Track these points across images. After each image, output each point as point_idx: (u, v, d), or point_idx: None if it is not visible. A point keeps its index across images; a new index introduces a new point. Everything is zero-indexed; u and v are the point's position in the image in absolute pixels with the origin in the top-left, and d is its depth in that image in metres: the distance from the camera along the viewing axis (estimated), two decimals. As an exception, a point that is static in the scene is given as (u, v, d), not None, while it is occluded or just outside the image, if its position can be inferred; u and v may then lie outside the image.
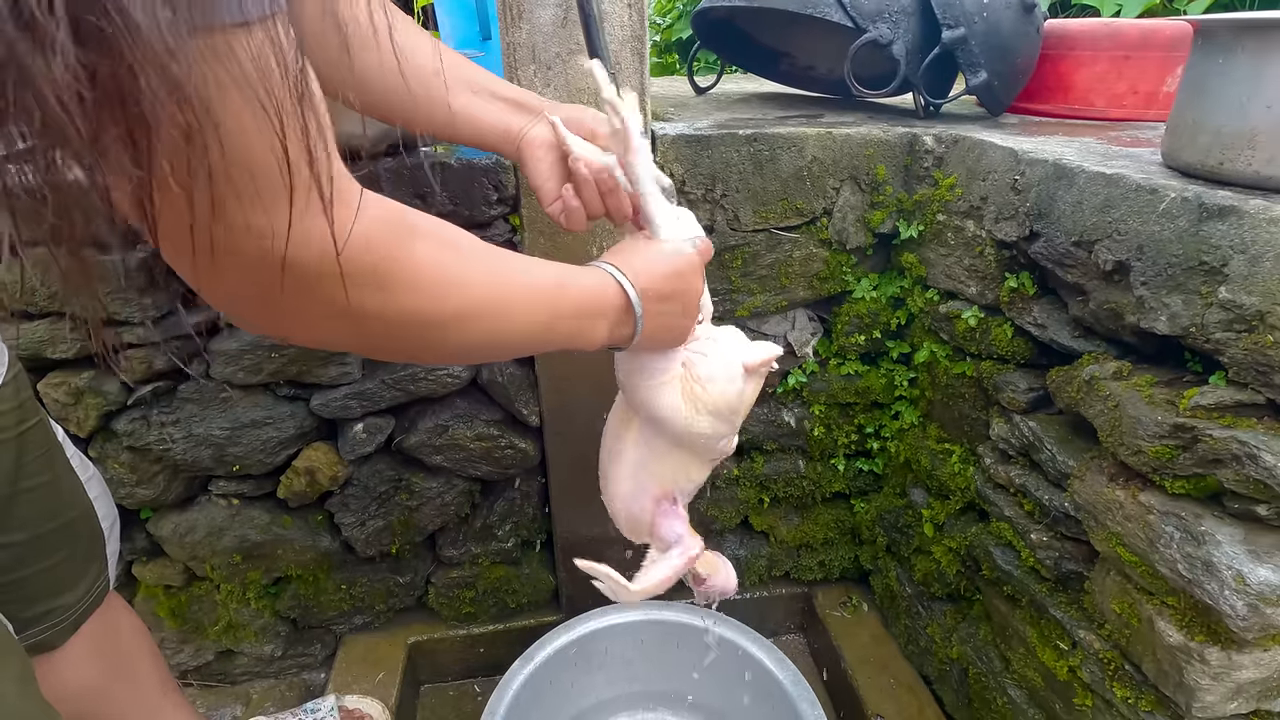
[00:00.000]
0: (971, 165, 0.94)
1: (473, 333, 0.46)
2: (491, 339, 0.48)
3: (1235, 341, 0.61)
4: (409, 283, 0.42)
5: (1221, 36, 0.65)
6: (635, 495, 0.71)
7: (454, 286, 0.44)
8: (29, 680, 0.51)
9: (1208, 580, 0.62)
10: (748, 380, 0.66)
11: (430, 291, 0.43)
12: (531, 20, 0.86)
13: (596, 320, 0.54)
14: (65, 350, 0.96)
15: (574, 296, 0.53)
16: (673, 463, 0.69)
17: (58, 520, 0.72)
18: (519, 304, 0.49)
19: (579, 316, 0.53)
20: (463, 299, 0.45)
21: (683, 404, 0.64)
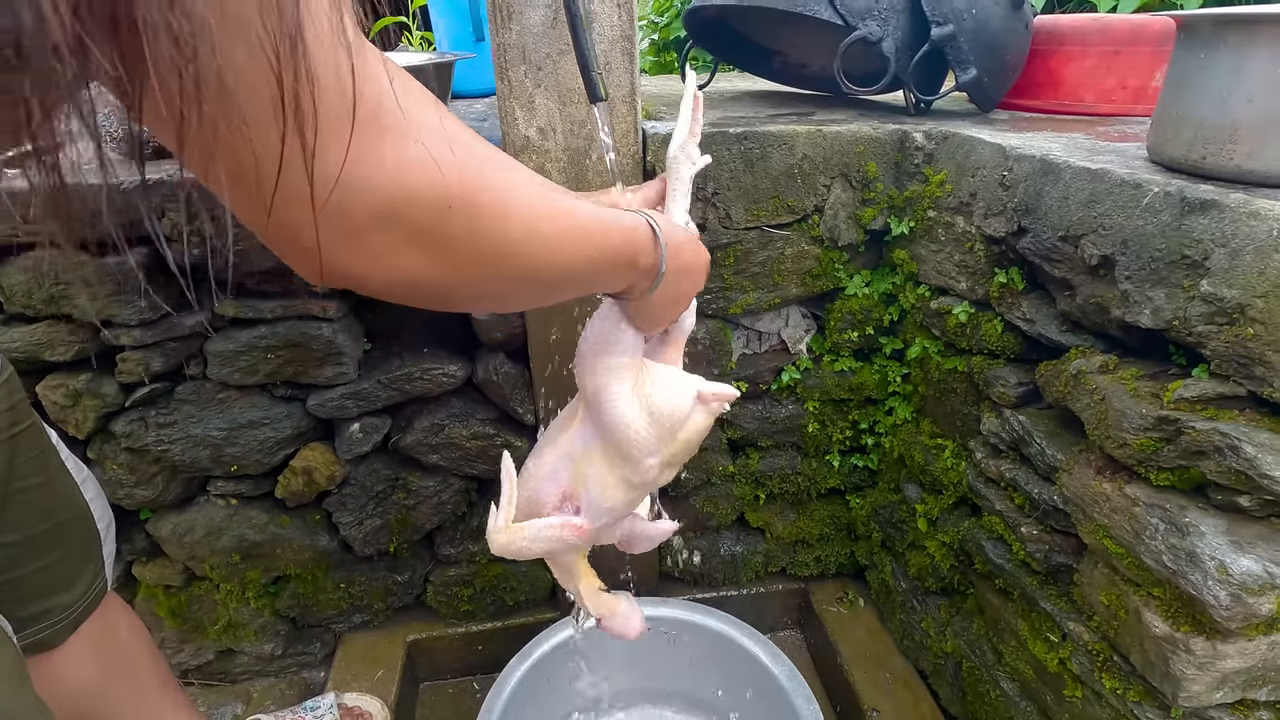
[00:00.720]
0: (961, 161, 0.94)
1: (526, 262, 0.45)
2: (537, 271, 0.47)
3: (1217, 334, 0.61)
4: (473, 207, 0.40)
5: (1204, 31, 0.66)
6: (546, 483, 0.68)
7: (515, 212, 0.43)
8: (22, 677, 0.52)
9: (1191, 571, 0.63)
10: (697, 408, 0.65)
11: (489, 216, 0.42)
12: (521, 21, 0.87)
13: (632, 265, 0.55)
14: (63, 353, 0.97)
15: (620, 236, 0.53)
16: (594, 467, 0.66)
17: (51, 521, 0.73)
18: (570, 237, 0.48)
19: (620, 256, 0.53)
20: (522, 225, 0.44)
21: (630, 397, 0.63)
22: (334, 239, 0.36)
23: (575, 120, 0.93)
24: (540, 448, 0.70)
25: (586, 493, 0.66)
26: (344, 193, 0.35)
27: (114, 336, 0.97)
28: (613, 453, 0.65)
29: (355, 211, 0.35)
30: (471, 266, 0.43)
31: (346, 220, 0.36)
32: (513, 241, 0.43)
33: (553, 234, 0.46)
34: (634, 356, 0.64)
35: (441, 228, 0.39)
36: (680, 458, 0.67)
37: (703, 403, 0.65)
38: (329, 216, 0.35)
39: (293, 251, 0.37)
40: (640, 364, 0.64)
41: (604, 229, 0.51)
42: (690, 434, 0.65)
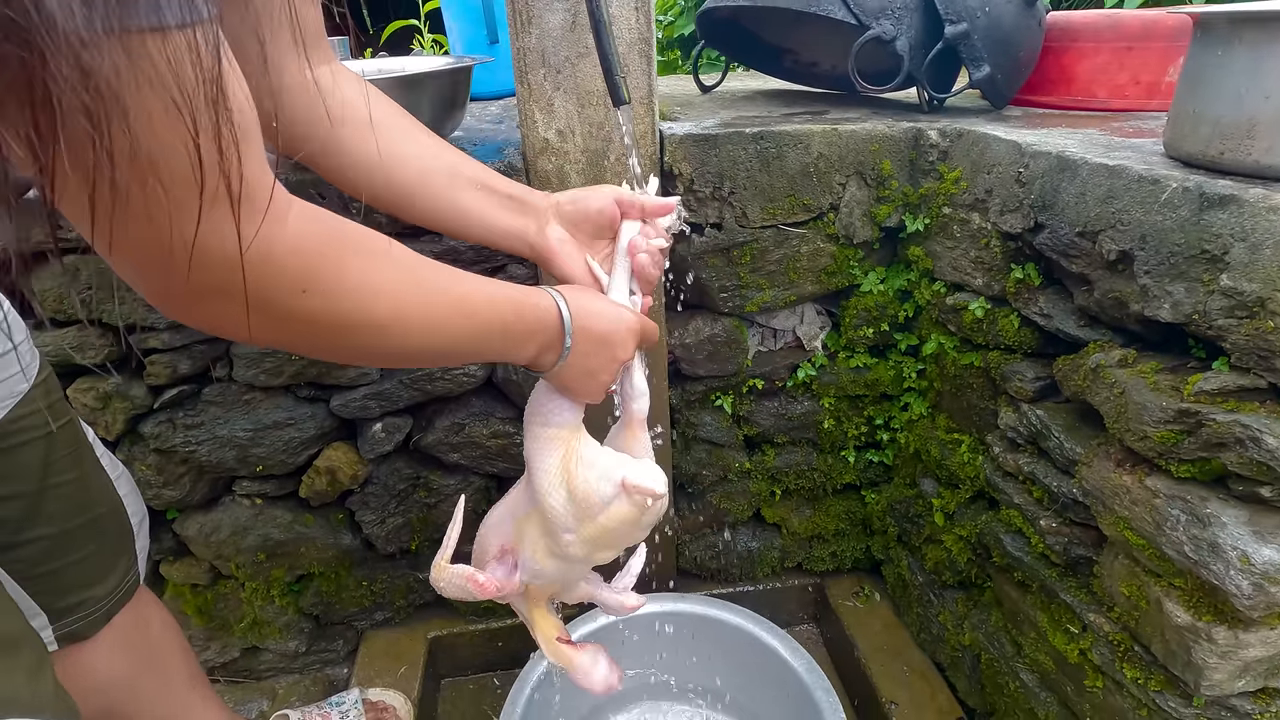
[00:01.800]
0: (976, 159, 0.95)
1: (397, 340, 0.48)
2: (419, 347, 0.50)
3: (1237, 328, 0.62)
4: (334, 289, 0.43)
5: (1220, 29, 0.66)
6: (491, 533, 0.69)
7: (382, 295, 0.46)
8: (42, 669, 0.53)
9: (1213, 561, 0.64)
10: (620, 497, 0.62)
11: (355, 298, 0.45)
12: (541, 25, 0.88)
13: (529, 337, 0.57)
14: (94, 356, 0.99)
15: (510, 310, 0.55)
16: (531, 530, 0.66)
17: (86, 515, 0.75)
18: (447, 314, 0.51)
19: (511, 330, 0.55)
20: (391, 307, 0.47)
21: (554, 471, 0.63)
22: (183, 299, 0.39)
23: (594, 122, 0.94)
24: (503, 498, 0.71)
25: (521, 551, 0.66)
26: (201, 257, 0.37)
27: (143, 340, 0.99)
28: (541, 523, 0.65)
29: (205, 279, 0.38)
30: (330, 338, 0.46)
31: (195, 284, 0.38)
32: (379, 322, 0.46)
33: (423, 315, 0.49)
34: (565, 429, 0.64)
35: (296, 305, 0.42)
36: (606, 541, 0.65)
37: (626, 492, 0.63)
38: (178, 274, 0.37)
39: (168, 305, 0.40)
40: (574, 437, 0.64)
41: (490, 306, 0.54)
42: (612, 521, 0.63)
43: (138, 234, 0.35)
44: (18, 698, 0.48)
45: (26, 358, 0.68)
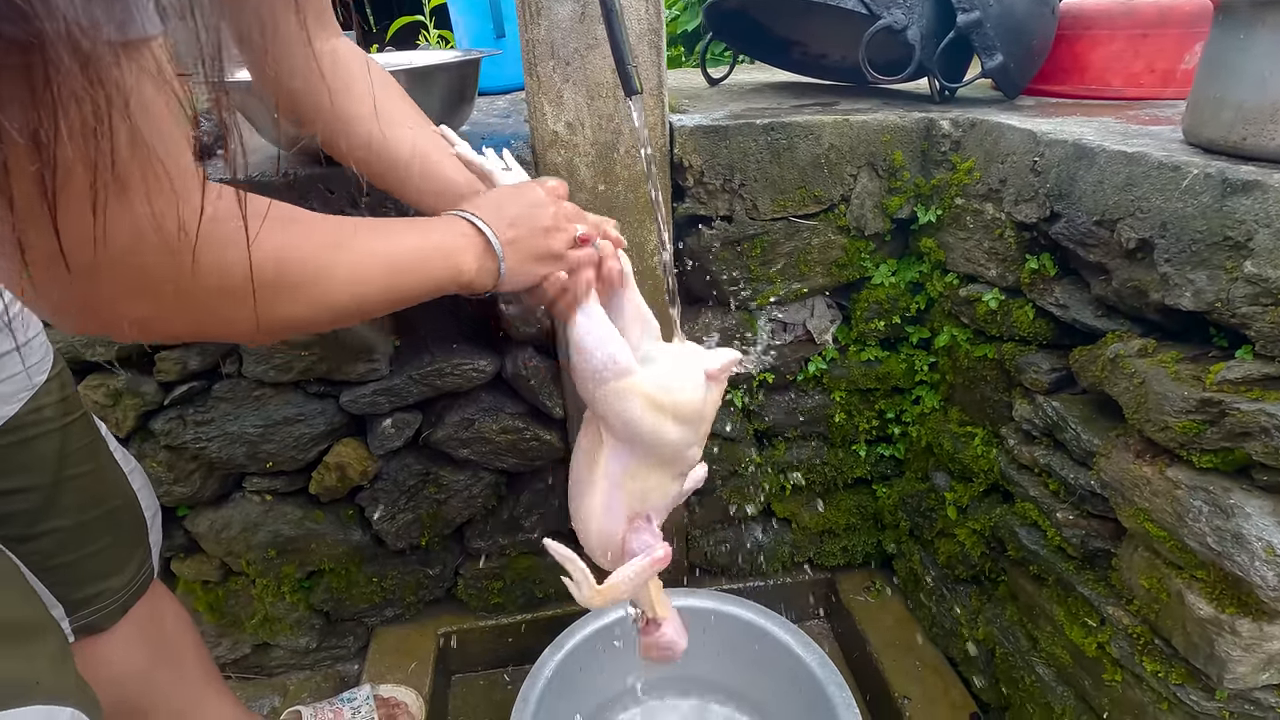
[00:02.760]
0: (989, 148, 0.94)
1: (325, 292, 0.49)
2: (349, 307, 0.51)
3: (1262, 315, 0.61)
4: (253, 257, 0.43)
5: (1242, 13, 0.65)
6: (607, 518, 0.70)
7: (295, 250, 0.47)
8: (65, 658, 0.53)
9: (1237, 552, 0.63)
10: (710, 387, 0.67)
11: (273, 264, 0.45)
12: (550, 16, 0.88)
13: (456, 256, 0.58)
14: (105, 353, 0.99)
15: (423, 238, 0.57)
16: (644, 481, 0.68)
17: (101, 508, 0.75)
18: (365, 257, 0.52)
19: (433, 255, 0.56)
20: (309, 270, 0.48)
21: (648, 413, 0.64)
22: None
23: (603, 114, 0.93)
24: (580, 494, 0.72)
25: (651, 505, 0.69)
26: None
27: (152, 336, 0.99)
28: (656, 461, 0.68)
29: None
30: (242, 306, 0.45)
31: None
32: (294, 282, 0.47)
33: (347, 276, 0.50)
34: (624, 376, 0.64)
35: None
36: (709, 427, 0.70)
37: (714, 380, 0.67)
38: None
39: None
40: (634, 375, 0.64)
41: (416, 254, 0.55)
42: (711, 409, 0.68)
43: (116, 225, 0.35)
44: (43, 683, 0.48)
45: (40, 352, 0.68)
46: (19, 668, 0.47)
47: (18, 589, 0.51)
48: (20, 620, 0.49)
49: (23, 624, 0.49)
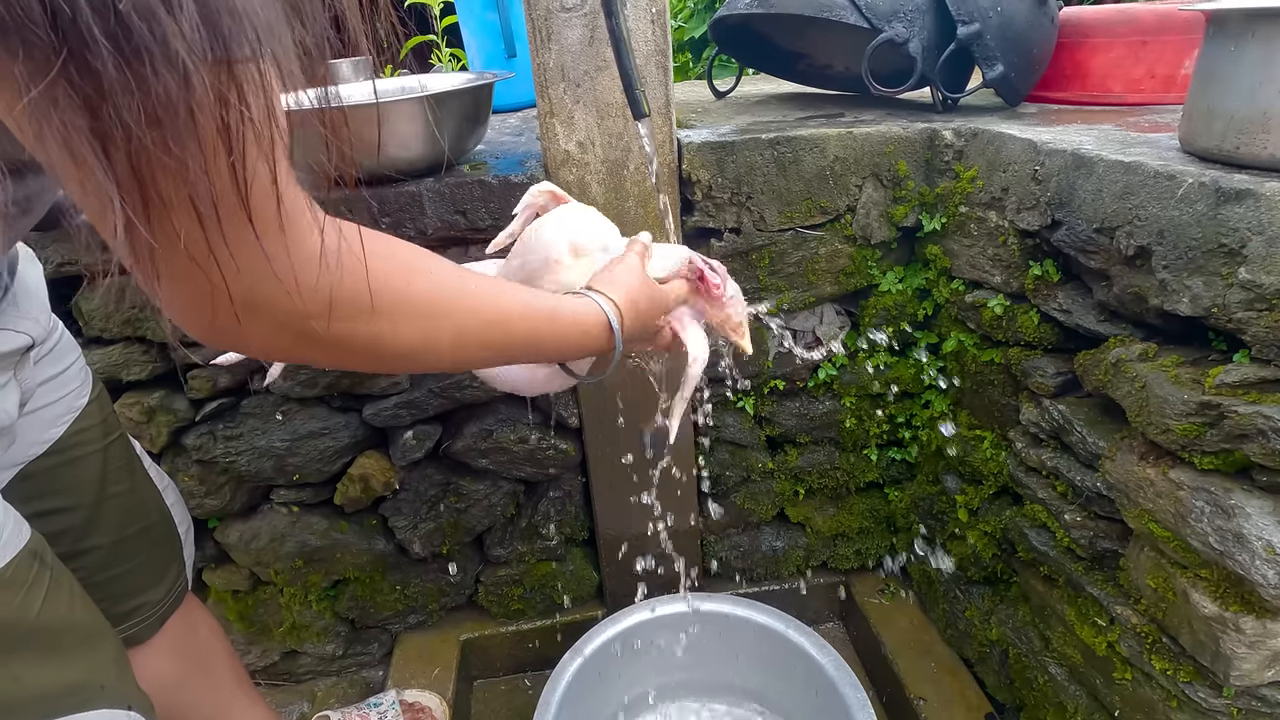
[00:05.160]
0: (991, 157, 0.96)
1: (465, 354, 0.51)
2: (465, 366, 0.54)
3: (1257, 320, 0.63)
4: (406, 311, 0.45)
5: (1233, 25, 0.67)
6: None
7: (446, 318, 0.48)
8: (123, 663, 0.56)
9: (1239, 552, 0.64)
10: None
11: (424, 322, 0.46)
12: (560, 41, 0.91)
13: (581, 344, 0.59)
14: (139, 373, 1.03)
15: (564, 324, 0.57)
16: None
17: (139, 524, 0.78)
18: (515, 334, 0.53)
19: (565, 341, 0.58)
20: (454, 327, 0.48)
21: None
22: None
23: (613, 133, 0.96)
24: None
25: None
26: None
27: (184, 356, 1.03)
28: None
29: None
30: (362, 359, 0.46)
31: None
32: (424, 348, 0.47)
33: (476, 340, 0.50)
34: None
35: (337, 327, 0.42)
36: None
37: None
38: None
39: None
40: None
41: (553, 328, 0.56)
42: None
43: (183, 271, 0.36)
44: (107, 687, 0.51)
45: (81, 375, 0.72)
46: (86, 673, 0.50)
47: (79, 598, 0.54)
48: (84, 627, 0.53)
49: (86, 631, 0.53)
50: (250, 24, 0.31)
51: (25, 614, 0.47)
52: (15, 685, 0.46)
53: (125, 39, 0.28)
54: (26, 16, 0.26)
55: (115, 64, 0.28)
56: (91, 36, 0.27)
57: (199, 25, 0.29)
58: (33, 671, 0.47)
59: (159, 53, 0.29)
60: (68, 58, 0.27)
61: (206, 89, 0.30)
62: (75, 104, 0.29)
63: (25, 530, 0.51)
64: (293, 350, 0.44)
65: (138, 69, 0.29)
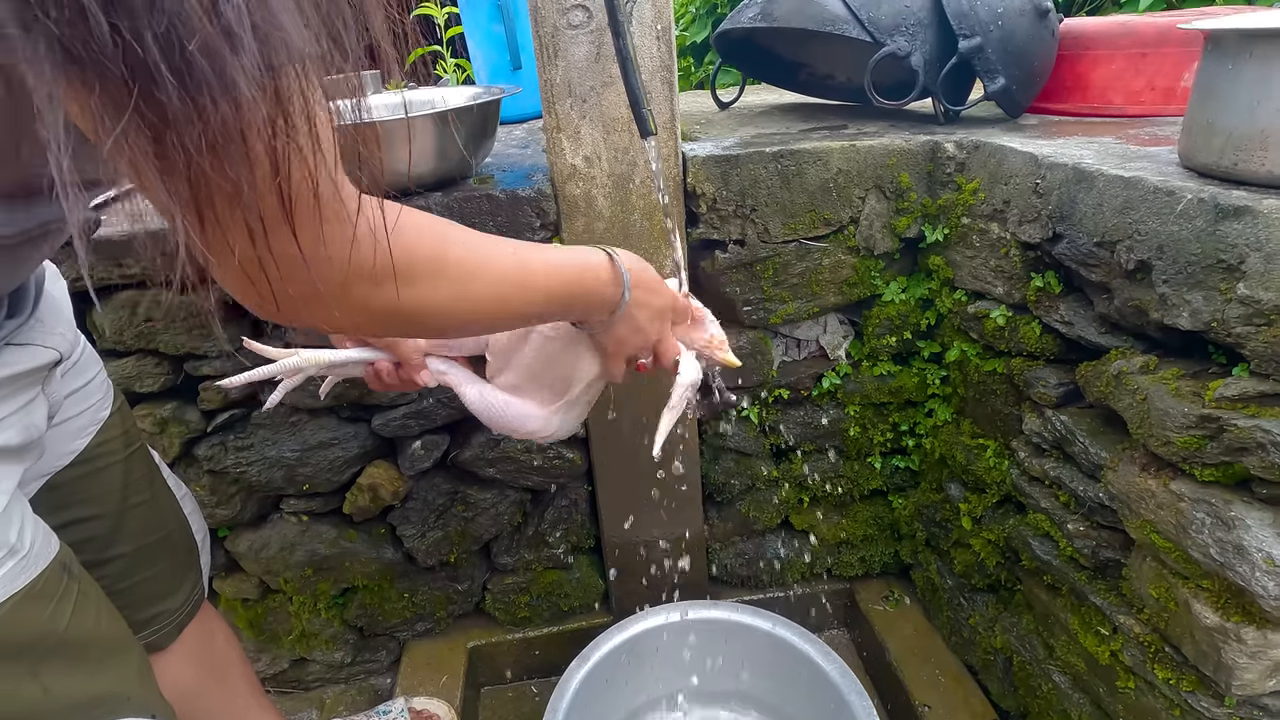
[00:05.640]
0: (993, 170, 0.97)
1: (464, 317, 0.53)
2: (504, 312, 0.56)
3: (1255, 335, 0.64)
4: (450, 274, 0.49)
5: (1230, 43, 0.68)
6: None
7: (476, 280, 0.52)
8: (147, 673, 0.58)
9: (1239, 563, 0.65)
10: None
11: (457, 286, 0.51)
12: (567, 57, 0.92)
13: (594, 289, 0.62)
14: (151, 384, 1.04)
15: (574, 279, 0.61)
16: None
17: (159, 533, 0.80)
18: (512, 294, 0.56)
19: (580, 285, 0.61)
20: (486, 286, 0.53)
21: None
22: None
23: (619, 148, 0.98)
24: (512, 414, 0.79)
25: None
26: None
27: (196, 368, 1.04)
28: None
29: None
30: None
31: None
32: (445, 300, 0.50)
33: (489, 284, 0.53)
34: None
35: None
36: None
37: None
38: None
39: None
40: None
41: (555, 280, 0.59)
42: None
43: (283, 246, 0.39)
44: (133, 697, 0.53)
45: (104, 388, 0.73)
46: (112, 684, 0.51)
47: (106, 609, 0.55)
48: (110, 639, 0.54)
49: (112, 642, 0.54)
50: (300, 57, 0.34)
51: (55, 626, 0.49)
52: (45, 696, 0.47)
53: (189, 74, 0.30)
54: (102, 52, 0.29)
55: (180, 96, 0.30)
56: (159, 71, 0.29)
57: (257, 60, 0.32)
58: (61, 682, 0.48)
59: (218, 85, 0.31)
60: (139, 92, 0.30)
61: (260, 116, 0.33)
62: (142, 132, 0.31)
63: (54, 543, 0.52)
64: (353, 321, 0.48)
65: (199, 100, 0.31)
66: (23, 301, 0.54)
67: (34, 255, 0.51)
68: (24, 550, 0.48)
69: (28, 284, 0.55)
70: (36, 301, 0.57)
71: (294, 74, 0.34)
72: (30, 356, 0.54)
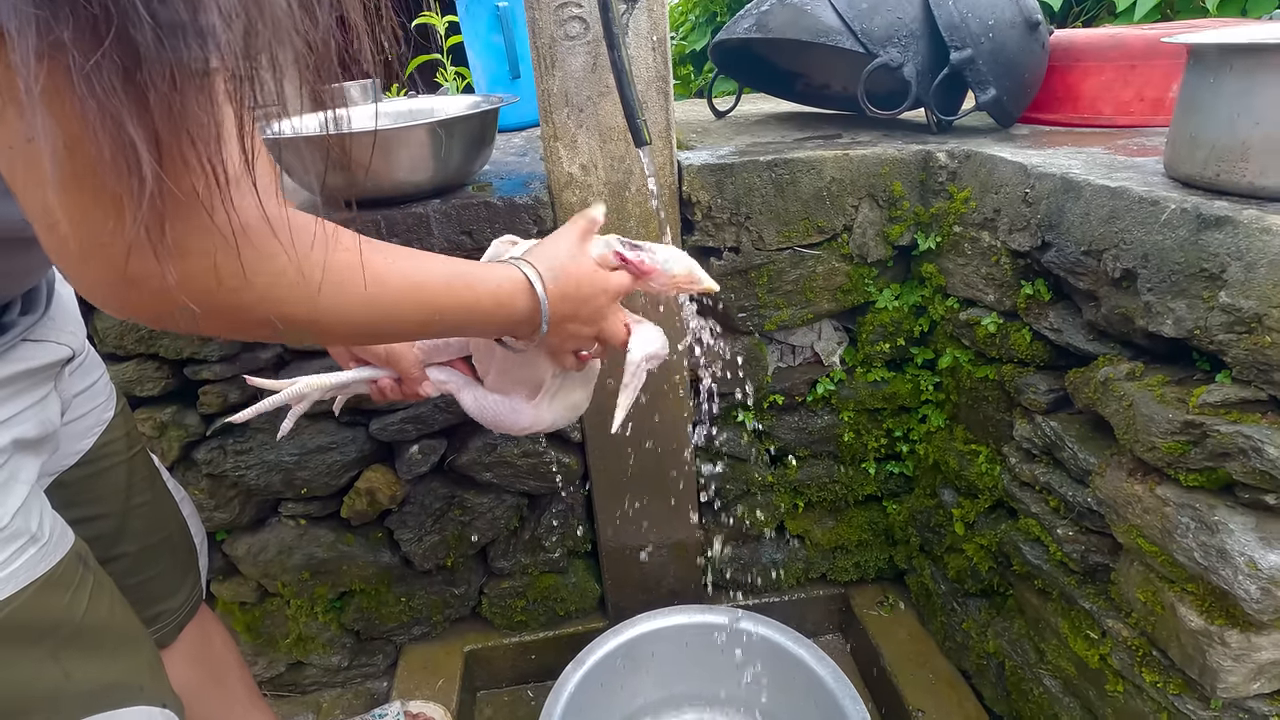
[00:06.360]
0: (984, 179, 0.99)
1: (351, 311, 0.48)
2: (385, 336, 0.52)
3: (1236, 342, 0.65)
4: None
5: (1212, 57, 0.70)
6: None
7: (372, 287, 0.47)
8: (158, 665, 0.59)
9: (1222, 566, 0.66)
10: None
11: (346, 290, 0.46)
12: (564, 68, 0.94)
13: (502, 312, 0.57)
14: (151, 389, 1.05)
15: (481, 288, 0.55)
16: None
17: (161, 534, 0.81)
18: (398, 300, 0.50)
19: (478, 307, 0.55)
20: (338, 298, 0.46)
21: None
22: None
23: (615, 156, 0.99)
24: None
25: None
26: None
27: (196, 372, 1.05)
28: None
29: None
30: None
31: None
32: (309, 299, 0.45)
33: (387, 294, 0.48)
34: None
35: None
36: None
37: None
38: None
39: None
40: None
41: (451, 293, 0.53)
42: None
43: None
44: (146, 687, 0.54)
45: (107, 390, 0.75)
46: (126, 673, 0.53)
47: (119, 601, 0.57)
48: (123, 629, 0.55)
49: (125, 633, 0.55)
50: (270, 11, 0.34)
51: (73, 614, 0.50)
52: (66, 680, 0.48)
53: (163, 10, 0.31)
54: None
55: (154, 36, 0.31)
56: (135, 11, 0.30)
57: (235, 9, 0.32)
58: (81, 668, 0.50)
59: (191, 28, 0.32)
60: (115, 29, 0.30)
61: (224, 64, 0.33)
62: (115, 68, 0.31)
63: (70, 534, 0.54)
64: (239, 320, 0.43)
65: (172, 40, 0.31)
66: (36, 300, 0.56)
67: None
68: (44, 538, 0.50)
69: (40, 284, 0.57)
70: (49, 300, 0.58)
71: (265, 31, 0.34)
72: (46, 352, 0.55)
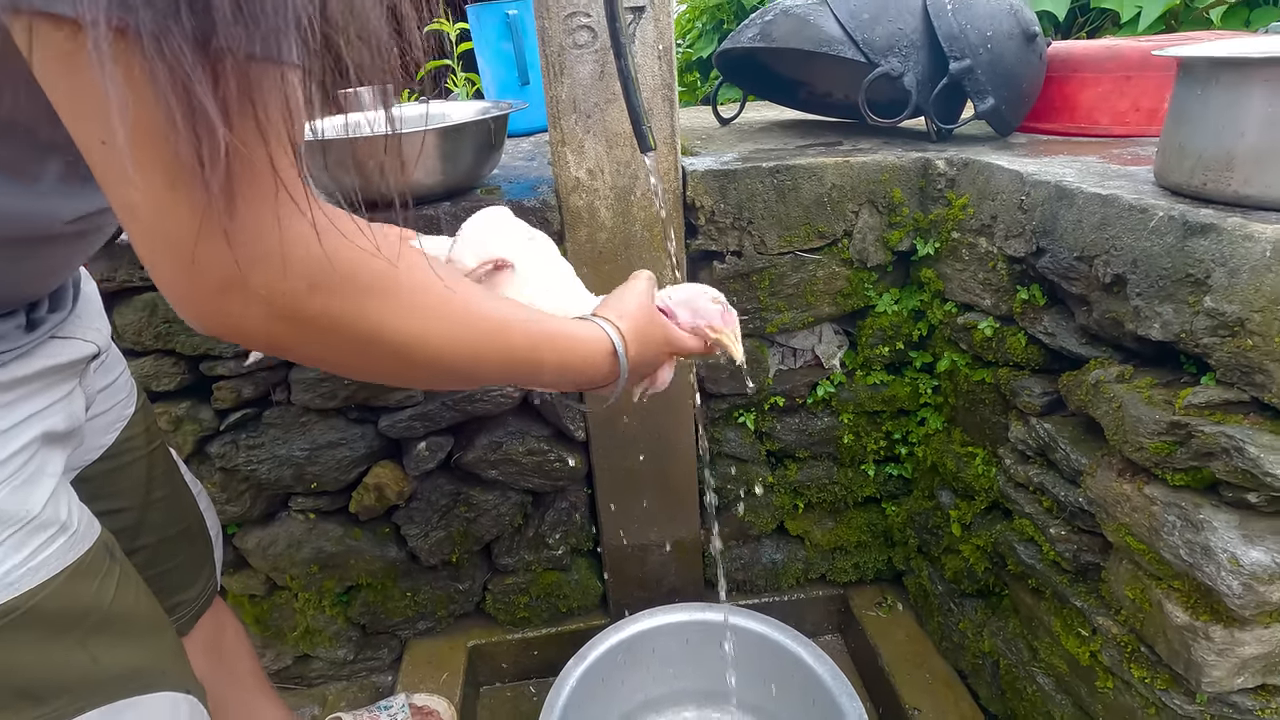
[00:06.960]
0: (981, 187, 1.01)
1: (421, 363, 0.47)
2: (462, 374, 0.50)
3: (1220, 346, 0.67)
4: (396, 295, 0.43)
5: (1199, 70, 0.72)
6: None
7: (409, 315, 0.45)
8: (180, 652, 0.61)
9: (1206, 563, 0.68)
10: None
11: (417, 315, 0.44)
12: (572, 75, 0.97)
13: (583, 369, 0.58)
14: (167, 384, 1.08)
15: (565, 345, 0.56)
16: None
17: (179, 527, 0.83)
18: (515, 347, 0.50)
19: (566, 364, 0.56)
20: (417, 328, 0.45)
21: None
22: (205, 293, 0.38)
23: (621, 161, 1.02)
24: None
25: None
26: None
27: (211, 368, 1.08)
28: None
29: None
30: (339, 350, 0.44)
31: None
32: (390, 340, 0.44)
33: (452, 340, 0.46)
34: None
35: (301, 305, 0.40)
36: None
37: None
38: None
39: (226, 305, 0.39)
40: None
41: (554, 346, 0.54)
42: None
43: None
44: (169, 673, 0.56)
45: (128, 386, 0.77)
46: (151, 659, 0.55)
47: (144, 591, 0.59)
48: (148, 617, 0.58)
49: (150, 621, 0.58)
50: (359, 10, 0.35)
51: (101, 601, 0.52)
52: (94, 665, 0.51)
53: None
54: None
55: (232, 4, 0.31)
56: None
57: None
58: (109, 654, 0.52)
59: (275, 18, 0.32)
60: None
61: (304, 34, 0.34)
62: (187, 36, 0.31)
63: (97, 524, 0.56)
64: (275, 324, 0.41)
65: (250, 8, 0.32)
66: (63, 298, 0.58)
67: (79, 250, 0.55)
68: (73, 528, 0.52)
69: (67, 282, 0.59)
70: (76, 298, 0.61)
71: (339, 12, 0.35)
72: (72, 349, 0.58)
